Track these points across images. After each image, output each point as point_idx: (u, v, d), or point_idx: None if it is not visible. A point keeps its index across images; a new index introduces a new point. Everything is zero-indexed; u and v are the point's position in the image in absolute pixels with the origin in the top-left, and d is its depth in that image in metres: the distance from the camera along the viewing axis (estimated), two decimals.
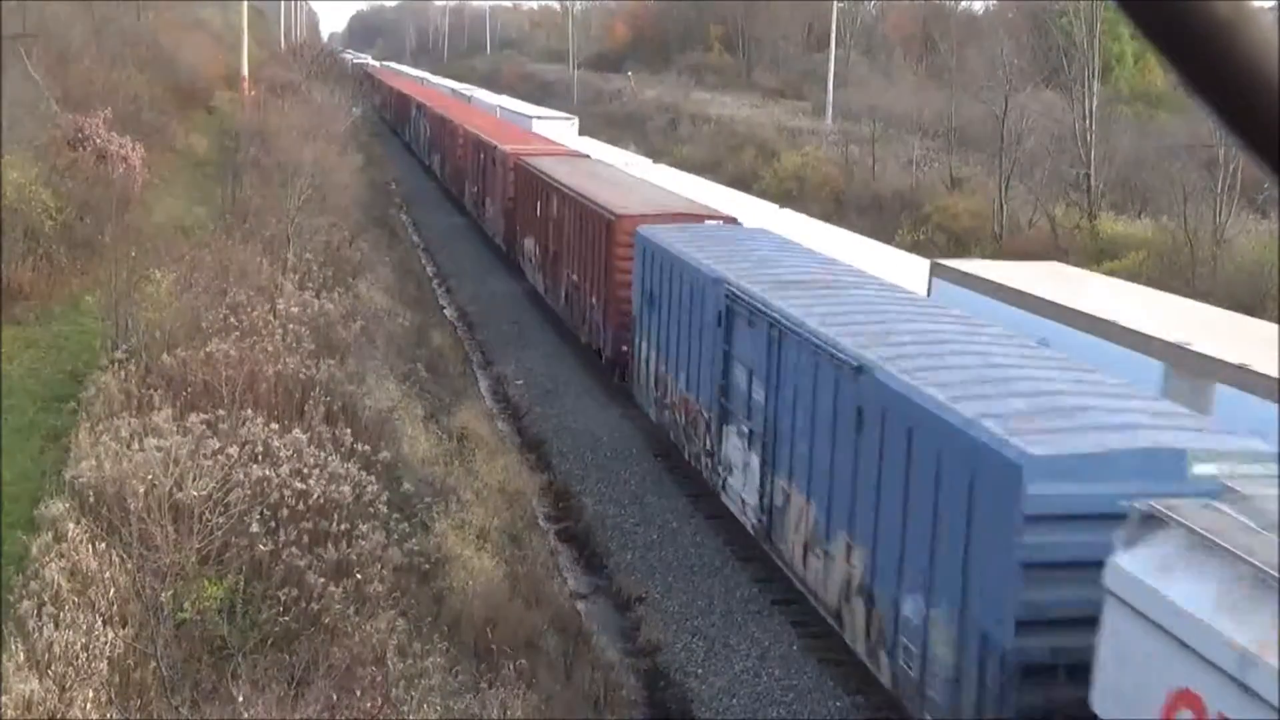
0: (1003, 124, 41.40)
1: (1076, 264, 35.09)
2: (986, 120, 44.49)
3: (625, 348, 24.00)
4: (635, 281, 23.07)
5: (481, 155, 44.00)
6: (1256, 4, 1.20)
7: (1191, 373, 15.65)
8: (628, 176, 34.20)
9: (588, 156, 39.56)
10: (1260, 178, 33.56)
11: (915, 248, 35.40)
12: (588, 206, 27.28)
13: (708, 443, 19.01)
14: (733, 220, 25.77)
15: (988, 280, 21.25)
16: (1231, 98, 1.16)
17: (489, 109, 68.68)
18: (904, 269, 24.33)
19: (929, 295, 21.54)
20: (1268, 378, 14.01)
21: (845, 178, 52.43)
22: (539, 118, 60.97)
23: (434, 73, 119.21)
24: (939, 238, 41.03)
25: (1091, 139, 40.62)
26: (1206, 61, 1.15)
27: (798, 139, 62.79)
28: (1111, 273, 33.16)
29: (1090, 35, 42.25)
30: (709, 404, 18.91)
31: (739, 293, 17.78)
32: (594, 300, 26.56)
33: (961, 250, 39.54)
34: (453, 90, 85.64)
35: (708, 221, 24.97)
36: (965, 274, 22.08)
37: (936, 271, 22.99)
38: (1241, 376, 14.73)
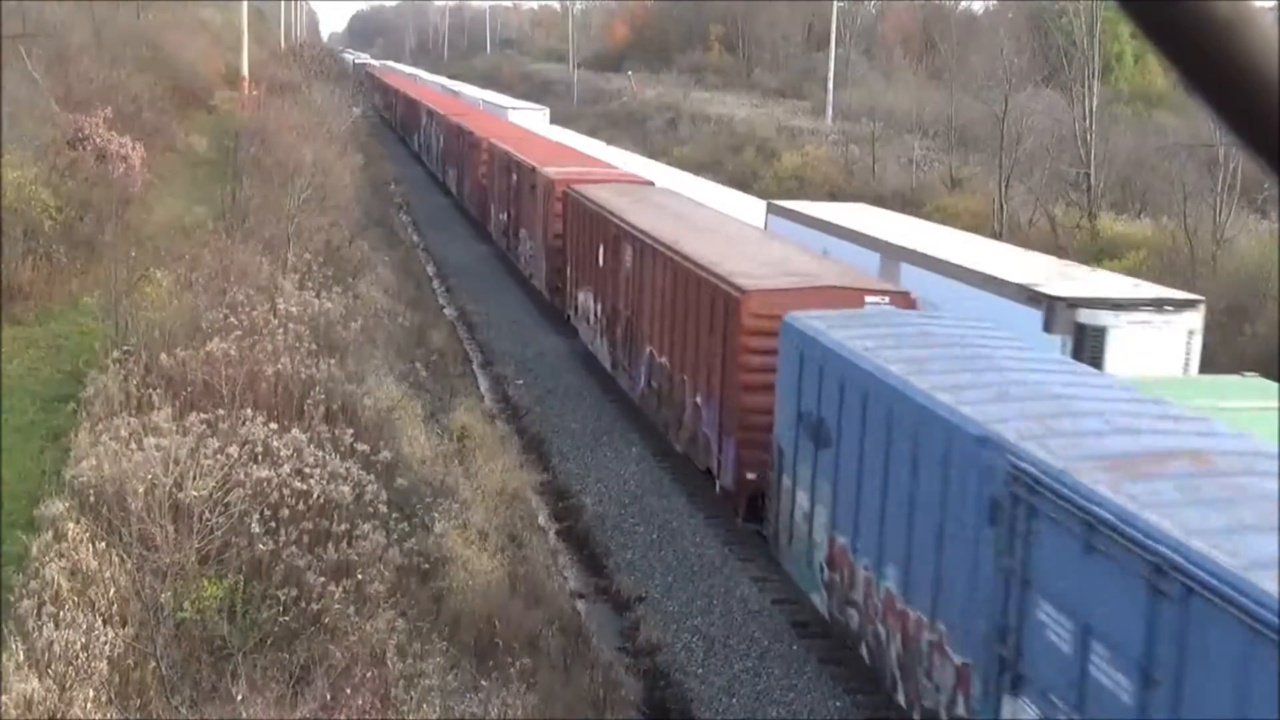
0: (1003, 124, 41.39)
1: (1077, 263, 35.10)
2: (986, 120, 44.48)
3: (754, 476, 17.22)
4: (784, 393, 15.99)
5: (515, 178, 36.91)
6: (1256, 4, 1.20)
7: (889, 258, 24.79)
8: (723, 218, 26.67)
9: (652, 184, 32.41)
10: (1260, 178, 33.56)
11: None
12: (690, 270, 19.82)
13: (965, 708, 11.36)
14: (904, 296, 17.86)
15: (798, 212, 30.13)
16: (1231, 98, 1.16)
17: (498, 111, 68.15)
18: (749, 209, 34.59)
19: (765, 228, 29.09)
20: (926, 256, 23.88)
21: (845, 177, 52.43)
22: (514, 109, 68.64)
23: (437, 73, 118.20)
24: None
25: (1091, 139, 40.61)
26: (1206, 61, 1.15)
27: (798, 139, 62.80)
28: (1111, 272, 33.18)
29: (1090, 35, 42.23)
30: (966, 647, 11.39)
31: (1045, 479, 10.10)
32: (699, 399, 19.31)
33: None
34: (484, 101, 76.26)
35: (868, 300, 17.46)
36: (786, 209, 31.15)
37: (771, 209, 31.76)
38: (912, 257, 24.24)
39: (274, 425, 15.75)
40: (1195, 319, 20.23)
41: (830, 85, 67.71)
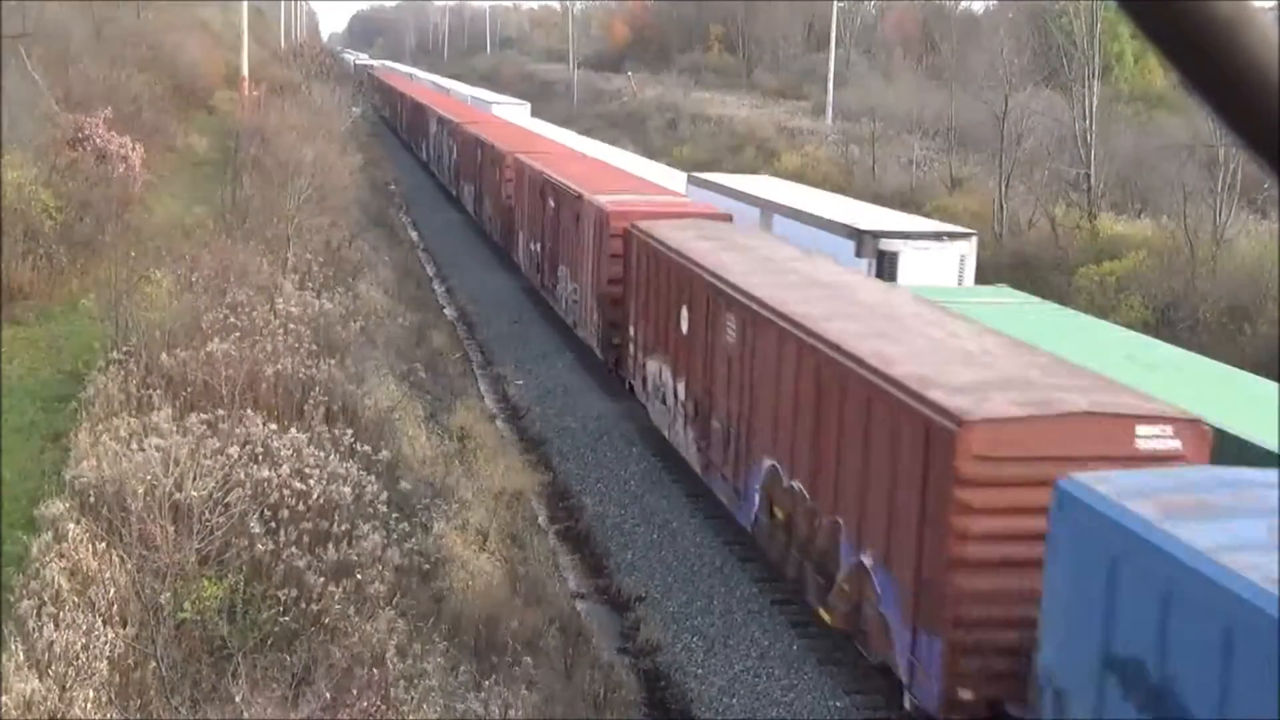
0: (1003, 124, 41.38)
1: (1077, 264, 35.13)
2: (986, 120, 44.47)
3: (972, 697, 11.78)
4: (1066, 605, 9.83)
5: (552, 204, 30.26)
6: (1256, 4, 1.20)
7: (766, 212, 30.70)
8: (852, 276, 20.26)
9: (730, 218, 25.81)
10: (1260, 178, 33.56)
11: None
12: (852, 370, 13.92)
13: None
14: (1194, 426, 12.01)
15: (711, 181, 35.76)
16: (1231, 98, 1.16)
17: (482, 106, 69.79)
18: (668, 177, 38.88)
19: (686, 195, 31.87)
20: (787, 207, 29.87)
21: (845, 177, 52.42)
22: (497, 103, 72.63)
23: (436, 73, 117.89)
24: None
25: (1091, 139, 40.61)
26: (1206, 61, 1.15)
27: (798, 139, 62.82)
28: (1111, 272, 33.19)
29: (1090, 35, 42.23)
30: None
31: None
32: (869, 559, 13.43)
33: None
34: (472, 98, 77.45)
35: (1139, 434, 11.89)
36: (703, 179, 36.34)
37: (691, 180, 36.47)
38: (780, 210, 30.25)
39: (274, 425, 15.75)
40: (967, 247, 26.27)
41: (830, 85, 67.72)
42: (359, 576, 13.34)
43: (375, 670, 11.53)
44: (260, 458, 14.78)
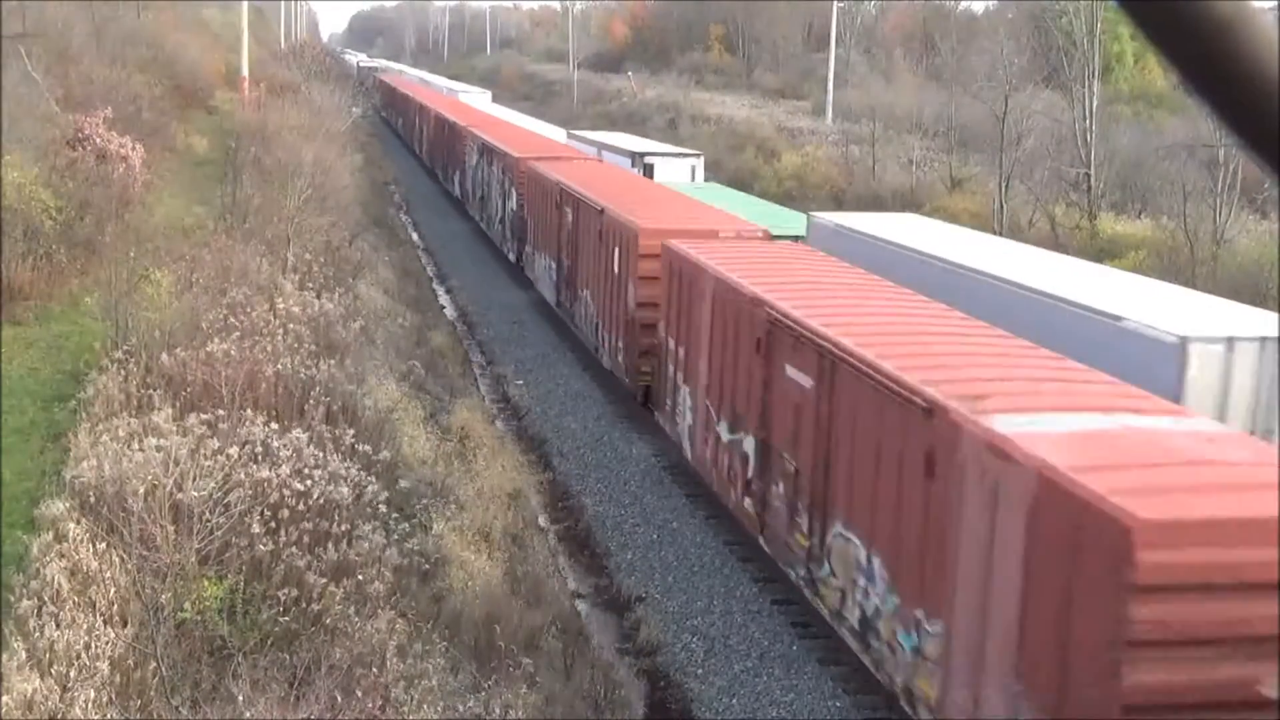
0: (1003, 124, 41.39)
1: None
2: (986, 120, 44.47)
3: None
4: None
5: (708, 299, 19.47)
6: (1256, 4, 1.20)
7: (600, 151, 44.97)
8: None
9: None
10: (1260, 178, 33.56)
11: None
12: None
13: None
14: None
15: (587, 138, 50.69)
16: (1231, 98, 1.16)
17: (449, 93, 77.99)
18: (549, 131, 53.26)
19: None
20: (612, 146, 47.40)
21: (845, 177, 52.44)
22: (462, 92, 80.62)
23: (441, 73, 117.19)
24: None
25: (1091, 139, 40.62)
26: (1206, 61, 1.15)
27: (798, 139, 62.85)
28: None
29: (1090, 35, 42.25)
30: None
31: None
32: None
33: None
34: (447, 89, 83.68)
35: None
36: (581, 136, 49.31)
37: (570, 136, 50.19)
38: (611, 151, 44.90)
39: (274, 426, 15.75)
40: (696, 161, 45.23)
41: (830, 85, 67.74)
42: (359, 576, 13.34)
43: (375, 671, 11.54)
44: (260, 458, 14.78)
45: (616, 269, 23.96)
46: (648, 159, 43.94)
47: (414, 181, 58.80)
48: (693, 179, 41.69)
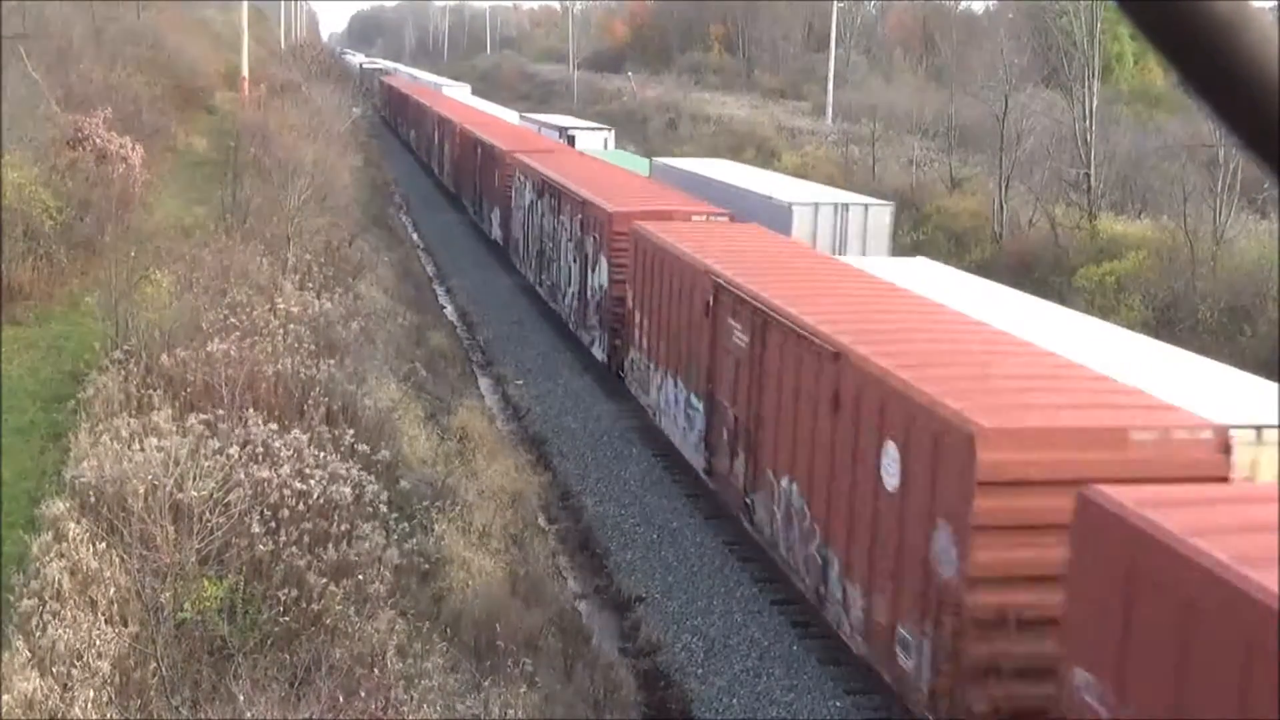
0: (1003, 124, 41.39)
1: (1077, 264, 35.14)
2: (986, 120, 44.48)
3: None
4: None
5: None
6: (1256, 4, 1.20)
7: (537, 126, 57.59)
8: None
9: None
10: (1260, 178, 33.55)
11: (916, 248, 35.40)
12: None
13: None
14: None
15: (533, 118, 63.10)
16: (1231, 98, 1.16)
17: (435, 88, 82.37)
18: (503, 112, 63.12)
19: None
20: (541, 122, 61.00)
21: (845, 177, 52.43)
22: (448, 85, 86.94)
23: (441, 73, 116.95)
24: (939, 237, 41.04)
25: (1091, 139, 40.61)
26: (1206, 61, 1.15)
27: (798, 139, 62.85)
28: (1111, 273, 33.20)
29: (1090, 35, 42.24)
30: None
31: None
32: None
33: (963, 251, 39.56)
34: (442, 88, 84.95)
35: None
36: (531, 117, 61.26)
37: (523, 118, 60.61)
38: (540, 124, 59.57)
39: (274, 426, 15.75)
40: (608, 134, 57.09)
41: (830, 85, 67.74)
42: (359, 577, 13.34)
43: (375, 670, 11.54)
44: (260, 458, 14.78)
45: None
46: (570, 132, 56.35)
47: (413, 181, 58.80)
48: (605, 147, 53.32)
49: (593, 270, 26.23)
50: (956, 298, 18.71)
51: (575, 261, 27.92)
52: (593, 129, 58.82)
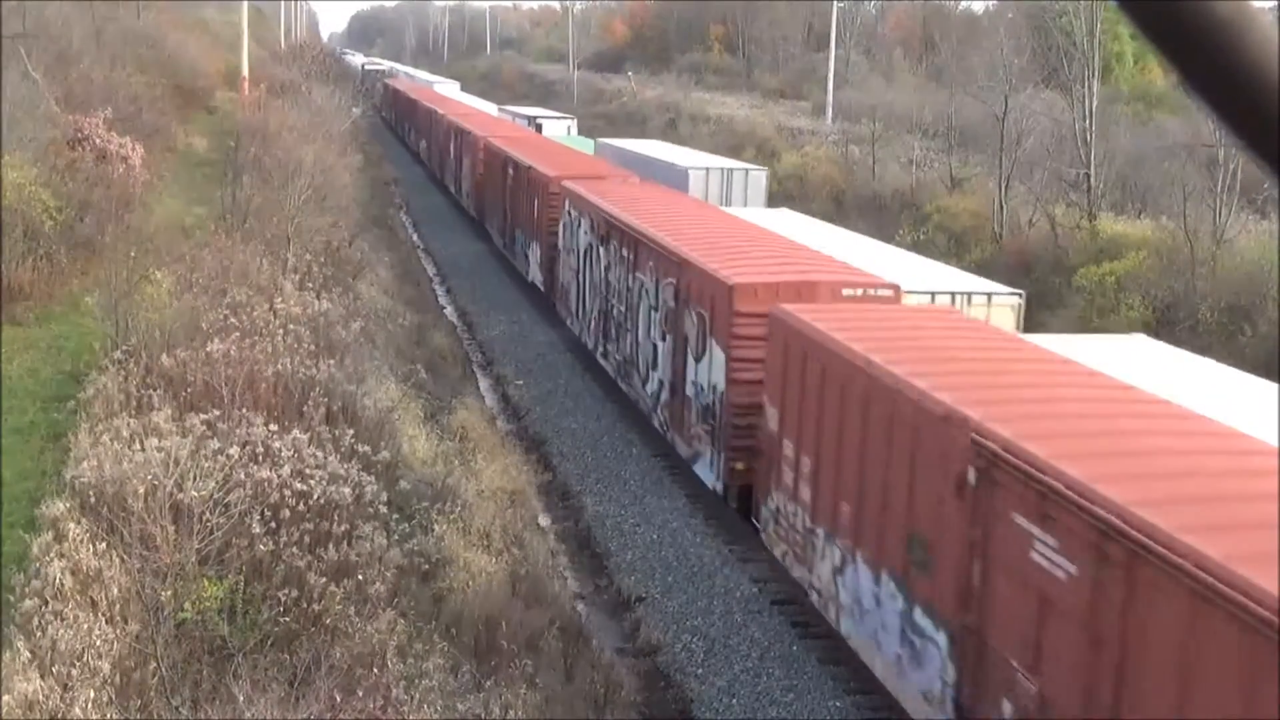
0: (1003, 124, 41.38)
1: (1076, 264, 35.14)
2: (986, 120, 44.47)
3: None
4: None
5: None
6: (1256, 4, 1.20)
7: (503, 110, 71.20)
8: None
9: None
10: (1260, 178, 33.55)
11: (915, 247, 35.39)
12: None
13: None
14: None
15: (513, 111, 69.23)
16: (1231, 98, 1.16)
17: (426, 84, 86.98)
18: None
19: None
20: (511, 111, 71.07)
21: (845, 177, 52.42)
22: (439, 82, 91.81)
23: (440, 73, 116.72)
24: (939, 237, 41.04)
25: (1091, 139, 40.60)
26: (1206, 61, 1.15)
27: (798, 139, 62.81)
28: (1111, 273, 33.20)
29: (1090, 35, 42.23)
30: None
31: None
32: None
33: (963, 251, 39.56)
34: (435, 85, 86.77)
35: None
36: (509, 110, 68.75)
37: (502, 110, 66.97)
38: (510, 112, 69.52)
39: (274, 426, 15.75)
40: (571, 123, 64.33)
41: (830, 85, 67.72)
42: (359, 577, 13.34)
43: (376, 670, 11.54)
44: (260, 458, 14.78)
45: None
46: (537, 120, 63.56)
47: (425, 198, 58.78)
48: (568, 134, 60.31)
49: (699, 359, 19.30)
50: (801, 233, 25.82)
51: (665, 340, 20.97)
52: (558, 118, 66.67)
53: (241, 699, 10.47)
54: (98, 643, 10.90)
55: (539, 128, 61.12)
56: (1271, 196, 36.78)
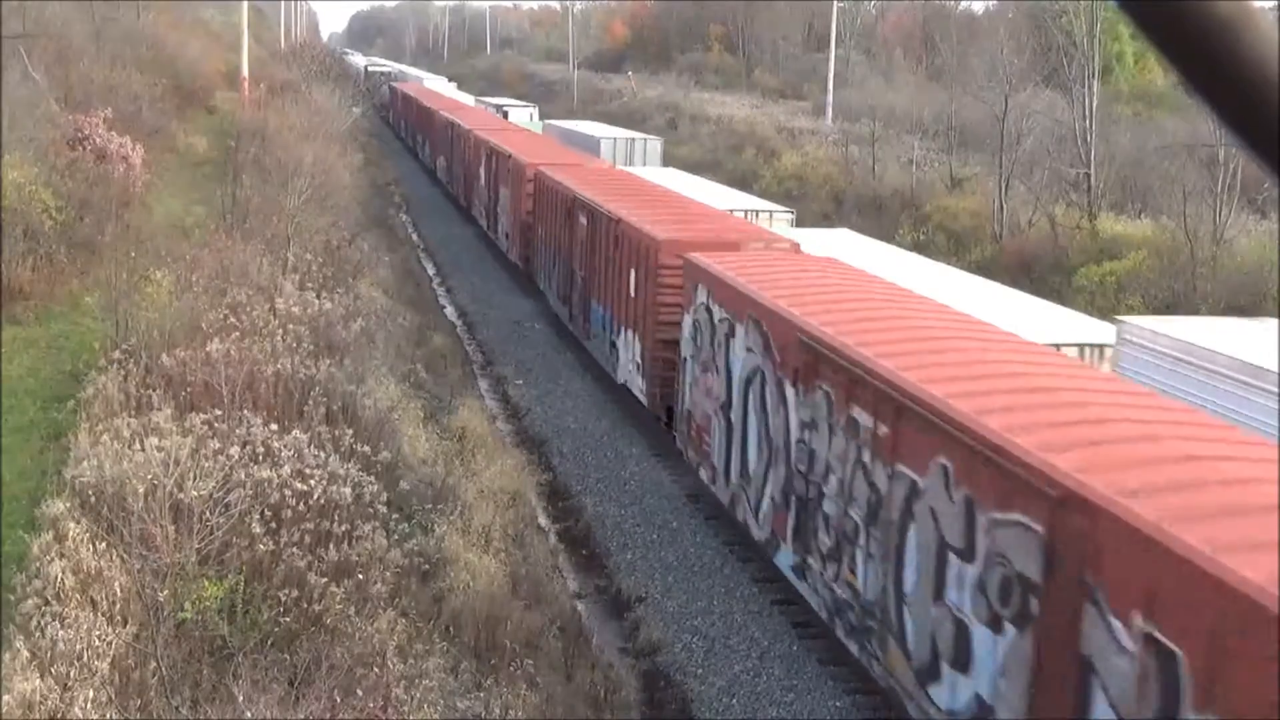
0: (1003, 124, 41.39)
1: (1077, 264, 35.16)
2: (986, 120, 44.47)
3: None
4: None
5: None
6: (1257, 4, 1.20)
7: (480, 101, 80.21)
8: None
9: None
10: (1260, 178, 33.55)
11: (916, 247, 35.41)
12: None
13: None
14: None
15: (491, 103, 77.72)
16: (1231, 98, 1.16)
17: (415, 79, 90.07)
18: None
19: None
20: (489, 101, 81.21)
21: (845, 177, 52.42)
22: (429, 77, 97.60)
23: (441, 73, 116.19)
24: (939, 237, 41.05)
25: (1091, 139, 40.61)
26: (1206, 61, 1.15)
27: (798, 139, 62.79)
28: (1111, 273, 33.20)
29: (1090, 35, 42.24)
30: None
31: None
32: None
33: (961, 250, 39.56)
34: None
35: None
36: (487, 102, 77.74)
37: (478, 102, 77.08)
38: (487, 100, 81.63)
39: (274, 426, 15.75)
40: (533, 110, 73.57)
41: (830, 85, 67.72)
42: (360, 577, 13.34)
43: (376, 670, 11.54)
44: (261, 458, 14.78)
45: None
46: (504, 108, 70.06)
47: (429, 205, 58.76)
48: (530, 120, 66.01)
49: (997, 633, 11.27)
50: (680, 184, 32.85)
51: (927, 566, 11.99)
52: (522, 106, 74.99)
53: (241, 699, 10.47)
54: (97, 642, 10.90)
55: (505, 115, 65.79)
56: (1271, 196, 36.78)
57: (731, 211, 29.04)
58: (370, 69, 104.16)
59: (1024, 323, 17.98)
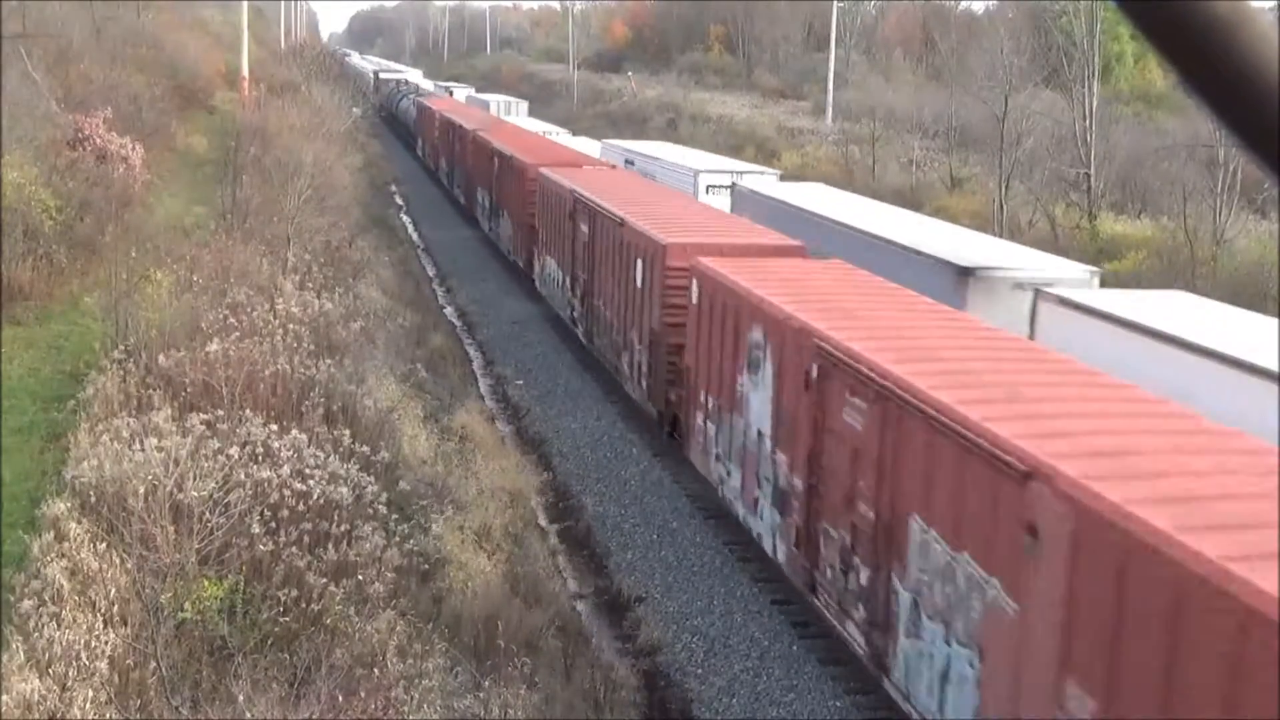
0: (1003, 124, 41.39)
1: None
2: (986, 120, 44.48)
3: None
4: None
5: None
6: (1256, 4, 1.20)
7: (470, 97, 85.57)
8: None
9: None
10: (1260, 178, 33.55)
11: None
12: None
13: None
14: None
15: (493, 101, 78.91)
16: (1231, 98, 1.16)
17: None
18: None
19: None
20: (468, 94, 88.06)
21: (845, 177, 52.42)
22: (411, 74, 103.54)
23: (440, 75, 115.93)
24: None
25: (1091, 139, 40.62)
26: (1206, 61, 1.15)
27: (798, 139, 62.84)
28: (1111, 273, 33.19)
29: (1090, 35, 42.24)
30: None
31: None
32: None
33: None
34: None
35: None
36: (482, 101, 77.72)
37: (469, 100, 77.93)
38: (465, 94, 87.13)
39: (274, 426, 15.75)
40: (521, 104, 78.37)
41: (830, 85, 67.73)
42: (359, 577, 13.34)
43: (375, 671, 11.54)
44: (260, 458, 14.78)
45: None
46: (490, 103, 74.32)
47: (418, 186, 58.74)
48: (514, 111, 72.31)
49: None
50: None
51: None
52: (507, 100, 79.94)
53: (241, 699, 10.47)
54: (97, 643, 10.90)
55: (487, 106, 72.22)
56: (1271, 196, 36.79)
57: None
58: (382, 75, 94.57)
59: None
